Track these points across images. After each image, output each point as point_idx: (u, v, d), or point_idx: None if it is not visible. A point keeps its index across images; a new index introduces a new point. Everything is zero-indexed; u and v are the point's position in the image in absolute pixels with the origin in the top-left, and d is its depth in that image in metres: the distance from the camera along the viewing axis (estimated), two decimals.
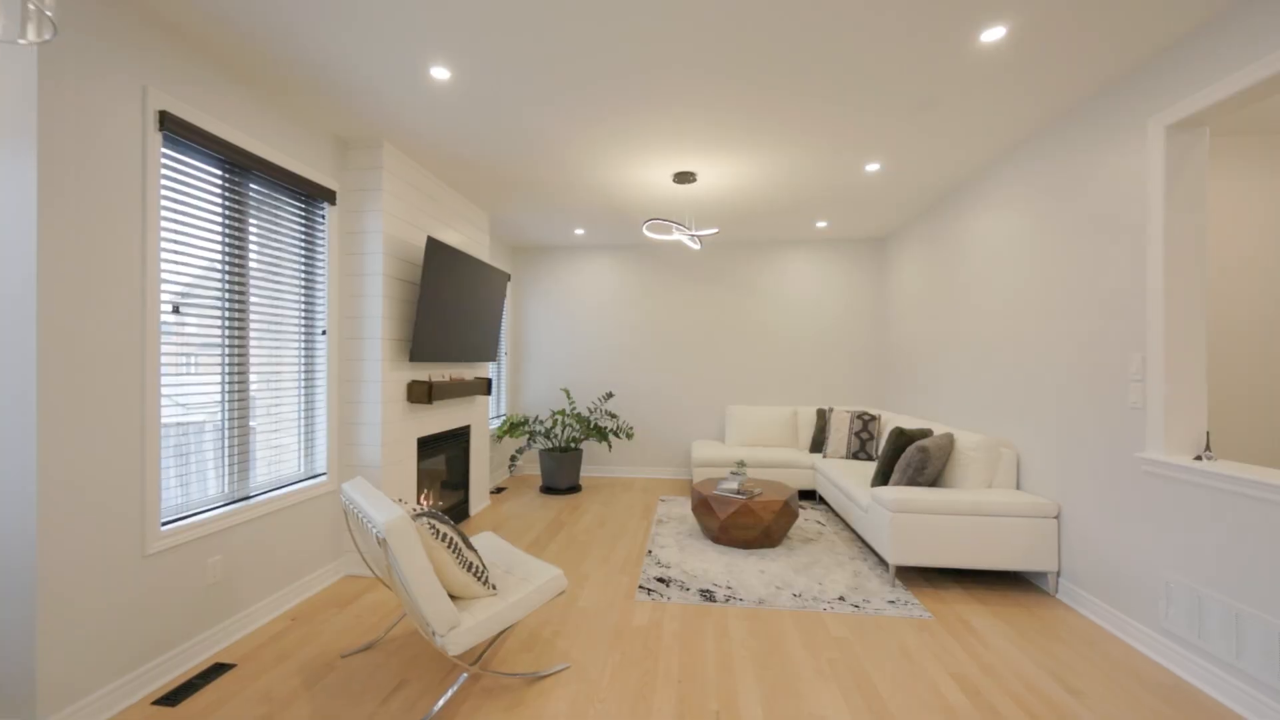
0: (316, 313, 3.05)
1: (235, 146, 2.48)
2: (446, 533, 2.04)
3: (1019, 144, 3.23)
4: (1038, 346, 3.08)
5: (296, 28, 2.16)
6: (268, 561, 2.65)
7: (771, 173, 3.72)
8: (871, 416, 4.77)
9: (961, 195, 3.95)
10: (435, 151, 3.35)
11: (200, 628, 2.28)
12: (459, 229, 4.18)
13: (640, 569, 3.29)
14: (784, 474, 4.87)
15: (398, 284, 3.34)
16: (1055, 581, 2.94)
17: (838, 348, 5.70)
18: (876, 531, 3.23)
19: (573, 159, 3.48)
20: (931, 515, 3.01)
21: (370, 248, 3.17)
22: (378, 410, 3.16)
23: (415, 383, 3.45)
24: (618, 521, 4.27)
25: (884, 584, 3.07)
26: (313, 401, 3.04)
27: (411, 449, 3.51)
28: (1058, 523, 2.93)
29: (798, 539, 3.84)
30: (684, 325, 5.88)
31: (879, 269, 5.64)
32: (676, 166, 3.62)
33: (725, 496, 3.66)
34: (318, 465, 3.06)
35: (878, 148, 3.28)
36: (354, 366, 3.18)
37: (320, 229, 3.05)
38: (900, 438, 3.51)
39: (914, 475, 3.28)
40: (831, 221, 4.98)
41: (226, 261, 2.50)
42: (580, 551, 3.60)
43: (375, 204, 3.16)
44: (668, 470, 5.92)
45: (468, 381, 4.11)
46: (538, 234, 5.51)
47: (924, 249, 4.61)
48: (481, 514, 4.48)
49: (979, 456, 3.25)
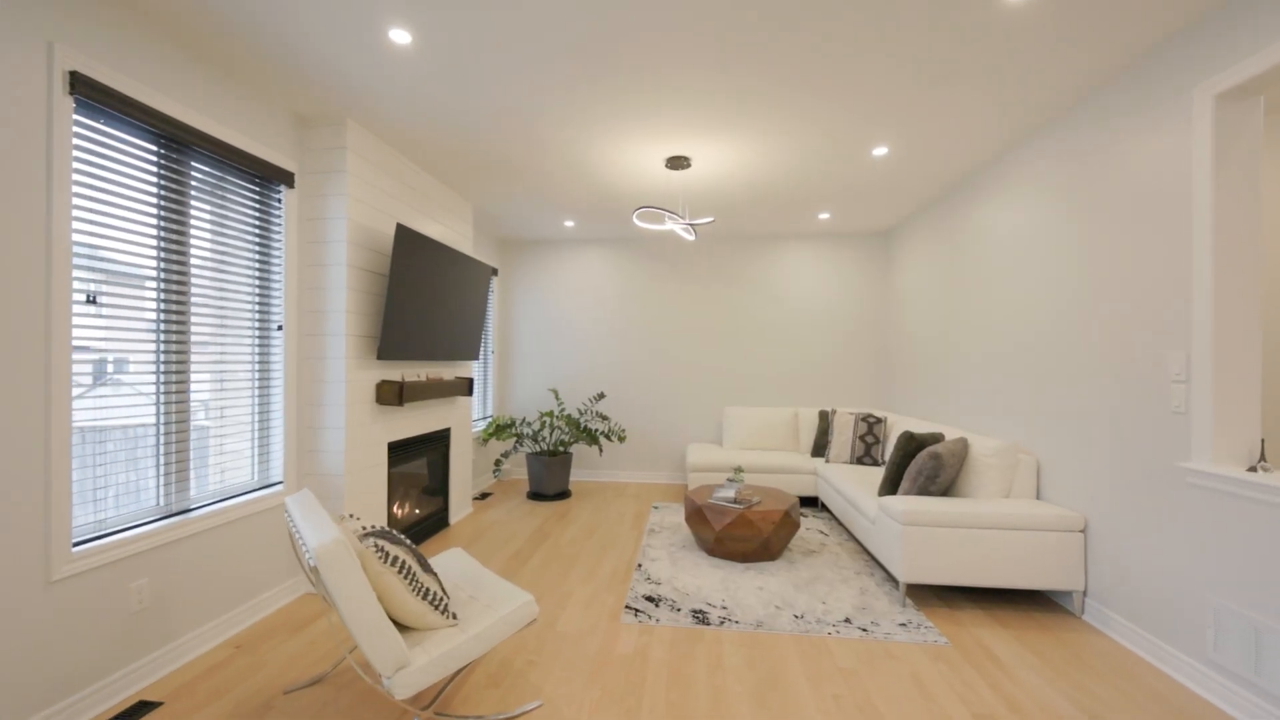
0: (273, 306, 2.79)
1: (173, 119, 2.21)
2: (398, 556, 1.78)
3: (1043, 123, 2.97)
4: (1062, 345, 2.82)
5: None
6: (210, 582, 2.38)
7: (771, 157, 3.46)
8: (877, 419, 4.51)
9: (975, 183, 3.69)
10: (405, 131, 3.09)
11: (122, 662, 2.01)
12: (440, 220, 3.92)
13: (628, 585, 3.03)
14: (784, 479, 4.61)
15: (365, 276, 3.08)
16: (1081, 602, 2.68)
17: (841, 346, 5.44)
18: (885, 545, 2.97)
19: (555, 139, 3.22)
20: (946, 529, 2.75)
21: (333, 236, 2.90)
22: (341, 413, 2.89)
23: (385, 383, 3.19)
24: (607, 531, 4.01)
25: (894, 603, 2.81)
26: (268, 404, 2.77)
27: (381, 454, 3.24)
28: (1084, 537, 2.67)
29: (798, 550, 3.58)
30: (680, 322, 5.62)
31: (884, 263, 5.38)
32: (669, 150, 3.36)
33: (721, 506, 3.40)
34: (273, 473, 2.79)
35: (886, 128, 3.02)
36: (315, 365, 2.92)
37: (276, 214, 2.79)
38: (910, 443, 3.25)
39: (925, 484, 3.02)
40: (834, 213, 4.72)
41: (163, 248, 2.23)
42: (564, 565, 3.34)
43: (339, 188, 2.90)
44: (662, 475, 5.65)
45: (447, 381, 3.85)
46: (526, 226, 5.25)
47: (933, 242, 4.35)
48: (462, 522, 4.22)
49: (996, 463, 2.99)
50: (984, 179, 3.57)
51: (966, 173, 3.71)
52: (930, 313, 4.36)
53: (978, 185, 3.65)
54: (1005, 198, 3.34)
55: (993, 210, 3.47)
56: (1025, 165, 3.14)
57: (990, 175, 3.50)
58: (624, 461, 5.70)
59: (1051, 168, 2.92)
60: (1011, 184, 3.27)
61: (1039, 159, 3.02)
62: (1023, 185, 3.16)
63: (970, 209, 3.75)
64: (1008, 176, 3.30)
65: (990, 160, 3.47)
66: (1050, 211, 2.93)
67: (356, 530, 1.86)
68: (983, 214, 3.59)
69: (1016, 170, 3.22)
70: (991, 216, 3.49)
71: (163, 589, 2.17)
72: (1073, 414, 2.74)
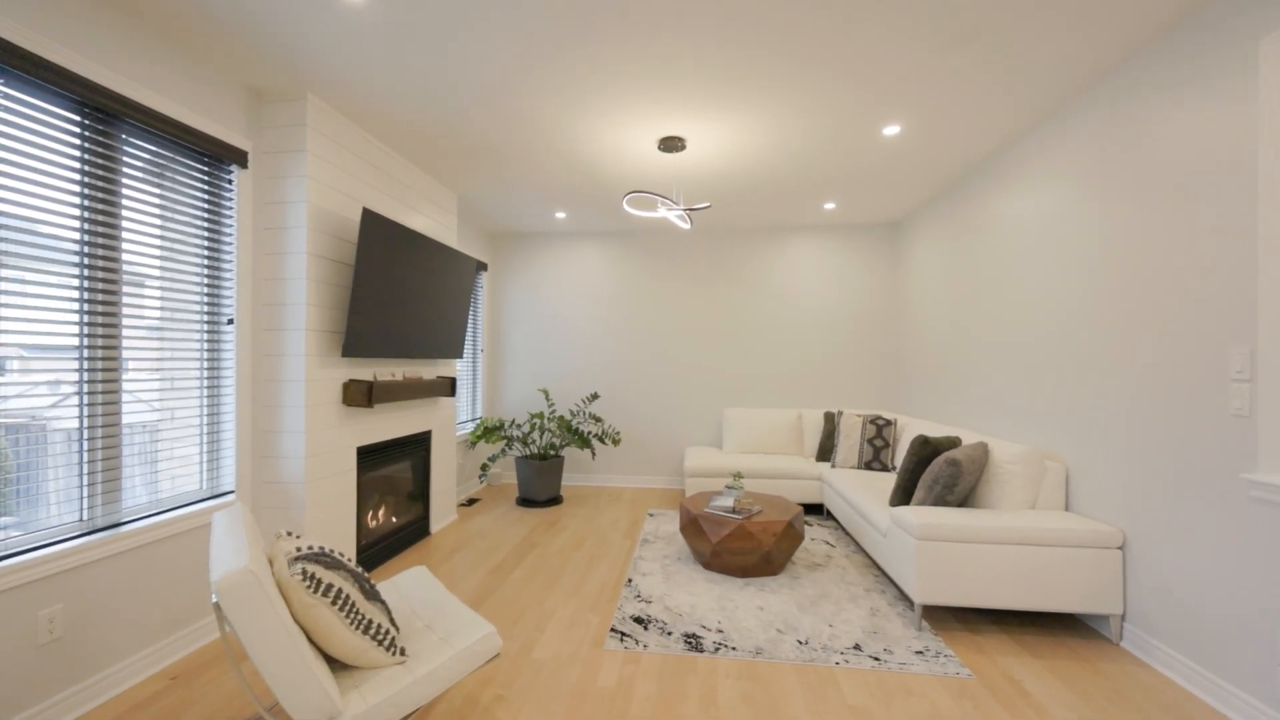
0: (224, 297, 2.54)
1: (98, 87, 1.97)
2: (333, 584, 1.53)
3: (1073, 95, 2.69)
4: (1095, 340, 2.54)
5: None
6: (144, 606, 2.13)
7: (772, 139, 3.19)
8: (886, 421, 4.23)
9: (994, 166, 3.41)
10: (375, 109, 2.84)
11: (26, 703, 1.76)
12: (420, 209, 3.67)
13: (616, 604, 2.77)
14: (787, 485, 4.34)
15: (330, 266, 2.83)
16: (1119, 627, 2.40)
17: (847, 345, 5.16)
18: (898, 561, 2.70)
19: (538, 117, 2.96)
20: (966, 544, 2.48)
21: (293, 221, 2.65)
22: (300, 415, 2.64)
23: (353, 382, 2.94)
24: (598, 541, 3.75)
25: (908, 626, 2.54)
26: (218, 404, 2.53)
27: (349, 460, 2.99)
28: (1122, 555, 2.40)
29: (803, 564, 3.31)
30: (678, 320, 5.36)
31: (893, 257, 5.10)
32: (662, 130, 3.10)
33: (718, 516, 3.13)
34: (224, 481, 2.54)
35: (899, 103, 2.75)
36: (273, 363, 2.67)
37: (227, 197, 2.54)
38: (924, 448, 2.98)
39: (942, 493, 2.75)
40: (841, 203, 4.45)
41: (86, 230, 1.98)
42: (549, 580, 3.08)
43: (298, 168, 2.65)
44: (660, 479, 5.39)
45: (426, 381, 3.59)
46: (515, 219, 4.99)
47: (947, 232, 4.07)
48: (445, 531, 3.97)
49: (1020, 471, 2.72)
50: (1003, 161, 3.29)
51: (985, 155, 3.43)
52: (944, 308, 4.08)
53: (996, 169, 3.37)
54: (1027, 181, 3.06)
55: (1013, 196, 3.19)
56: (1050, 145, 2.86)
57: (1010, 157, 3.22)
58: (619, 465, 5.44)
59: (1079, 148, 2.64)
60: (1034, 166, 2.99)
61: (1064, 140, 2.74)
62: (1047, 167, 2.88)
63: (988, 195, 3.47)
64: (1030, 158, 3.02)
65: (1010, 140, 3.20)
66: (1078, 195, 2.65)
67: (290, 552, 1.61)
68: (1002, 200, 3.31)
69: (1040, 151, 2.94)
70: (1012, 203, 3.21)
71: (82, 616, 1.92)
72: (1108, 416, 2.46)
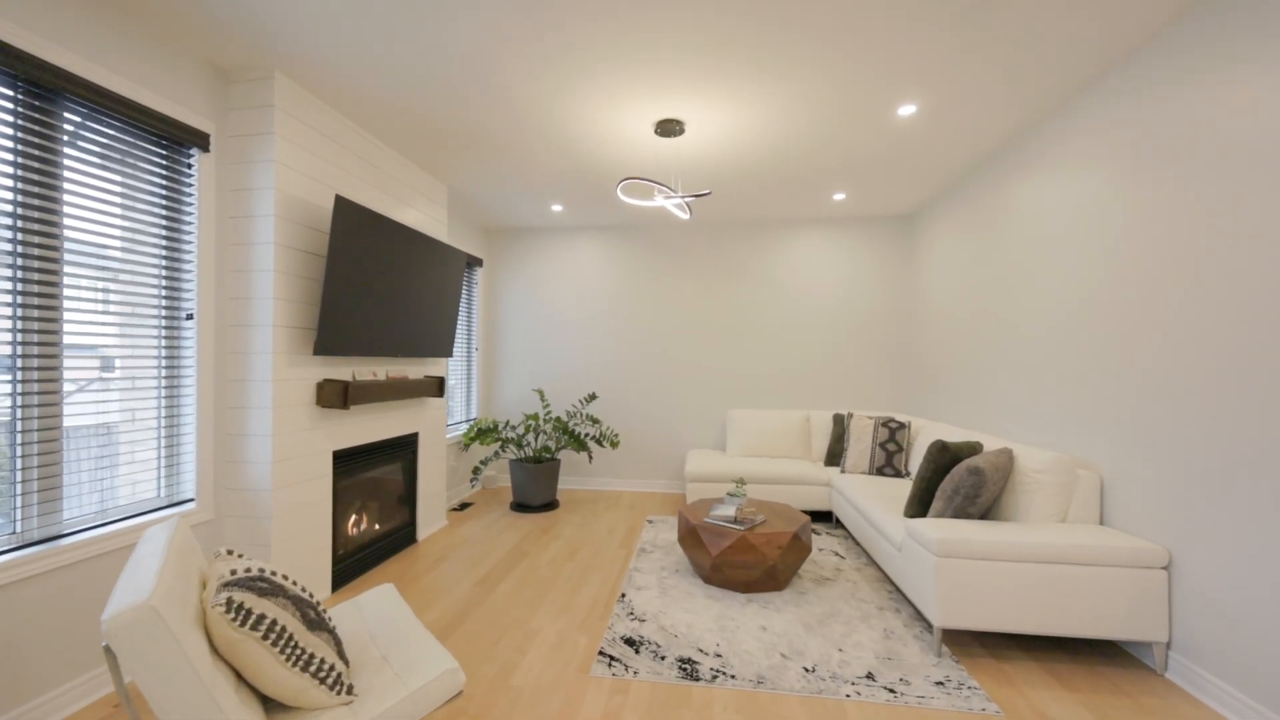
0: (184, 291, 2.36)
1: (32, 58, 1.79)
2: (264, 614, 1.33)
3: (1112, 66, 2.45)
4: (1137, 338, 2.30)
5: None
6: (87, 625, 1.96)
7: (778, 120, 2.97)
8: (899, 424, 3.99)
9: (1019, 150, 3.16)
10: (352, 91, 2.65)
11: None
12: (407, 200, 3.49)
13: (606, 622, 2.56)
14: (794, 492, 4.11)
15: (303, 258, 2.65)
16: (1164, 656, 2.16)
17: (858, 343, 4.92)
18: (914, 578, 2.47)
19: (527, 97, 2.76)
20: (992, 562, 2.24)
21: (259, 209, 2.47)
22: (267, 417, 2.46)
23: (328, 383, 2.75)
24: (592, 550, 3.54)
25: (926, 652, 2.31)
26: (177, 405, 2.35)
27: (324, 465, 2.81)
28: (1168, 576, 2.15)
29: (810, 578, 3.09)
30: (680, 317, 5.14)
31: (906, 250, 4.85)
32: (659, 112, 2.89)
33: (718, 526, 2.91)
34: (184, 489, 2.37)
35: (915, 79, 2.52)
36: (239, 361, 2.49)
37: (187, 183, 2.36)
38: (943, 454, 2.75)
39: (963, 504, 2.52)
40: (851, 193, 4.21)
41: (20, 216, 1.81)
42: (537, 594, 2.88)
43: (265, 153, 2.47)
44: (660, 483, 5.17)
45: (412, 381, 3.41)
46: (511, 212, 4.80)
47: (964, 223, 3.82)
48: (433, 538, 3.78)
49: (1049, 480, 2.48)
50: (1029, 143, 3.04)
51: (1008, 136, 3.18)
52: (961, 304, 3.83)
53: (1021, 151, 3.12)
54: (1056, 163, 2.81)
55: (1040, 180, 2.94)
56: (1085, 122, 2.61)
57: (1038, 137, 2.97)
58: (619, 469, 5.23)
59: (1116, 125, 2.39)
60: (1061, 151, 2.74)
61: (1098, 117, 2.49)
62: (1081, 146, 2.64)
63: (1011, 181, 3.22)
64: (1062, 137, 2.77)
65: (1038, 118, 2.95)
66: (1118, 176, 2.40)
67: (223, 576, 1.42)
68: (1026, 186, 3.06)
69: (1073, 129, 2.69)
70: (1038, 188, 2.96)
71: (10, 638, 1.74)
72: (1152, 420, 2.22)
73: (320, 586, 2.77)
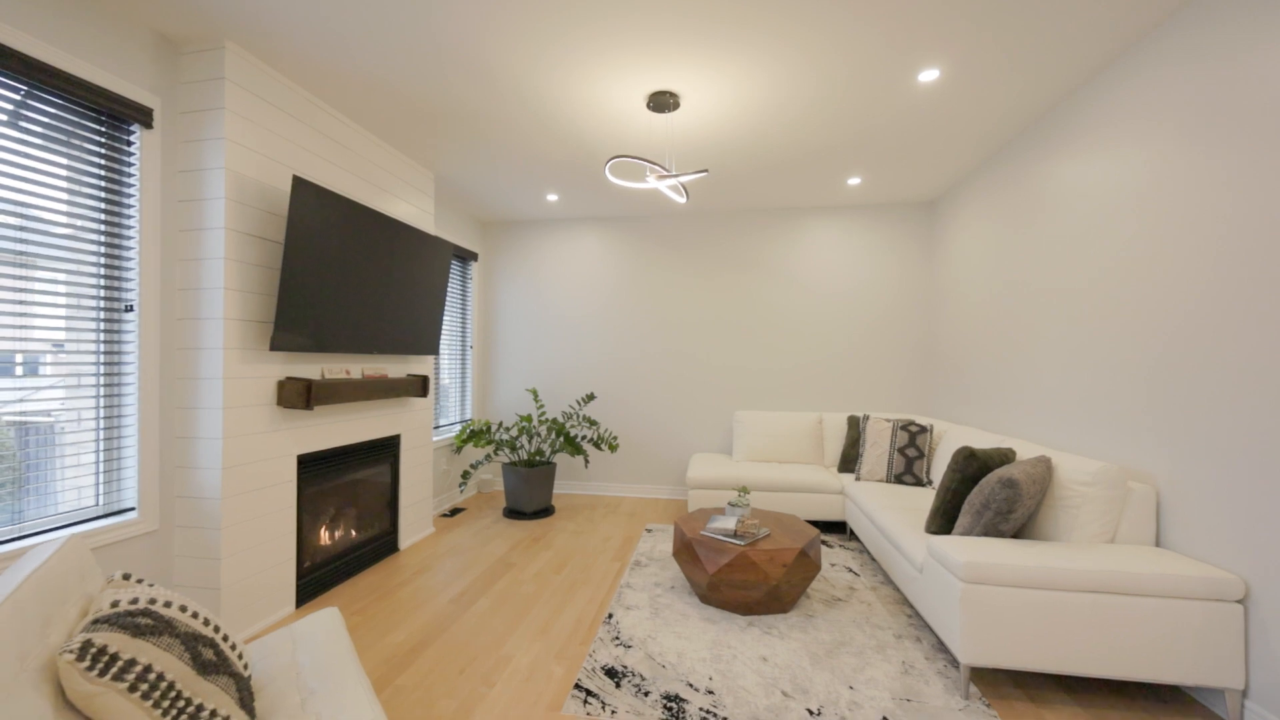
0: (126, 281, 2.17)
1: None
2: (134, 660, 1.10)
3: (1171, 12, 2.11)
4: (1206, 329, 1.96)
5: None
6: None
7: (783, 91, 2.68)
8: (920, 428, 3.66)
9: (1056, 121, 2.82)
10: (310, 61, 2.43)
11: None
12: (392, 190, 3.27)
13: (588, 648, 2.30)
14: (805, 500, 3.80)
15: (262, 246, 2.44)
16: (1239, 705, 1.82)
17: (875, 340, 4.58)
18: (937, 605, 2.16)
19: (503, 65, 2.51)
20: (1029, 590, 1.93)
21: (210, 191, 2.27)
22: (217, 419, 2.25)
23: (290, 381, 2.54)
24: (582, 563, 3.29)
25: (951, 692, 2.00)
26: (119, 406, 2.15)
27: (287, 470, 2.60)
28: (1244, 610, 1.82)
29: (819, 598, 2.79)
30: (684, 313, 4.86)
31: (928, 240, 4.50)
32: (651, 84, 2.62)
33: (716, 541, 2.63)
34: (125, 497, 2.17)
35: (938, 37, 2.21)
36: (188, 358, 2.29)
37: (128, 162, 2.16)
38: (970, 463, 2.43)
39: (995, 521, 2.20)
40: (867, 177, 3.89)
41: None
42: (516, 612, 2.63)
43: (215, 129, 2.26)
44: (663, 488, 4.90)
45: (391, 380, 3.19)
46: (506, 204, 4.57)
47: (993, 208, 3.48)
48: (416, 547, 3.56)
49: (1095, 494, 2.15)
50: (1068, 112, 2.70)
51: (1045, 104, 2.84)
52: (990, 297, 3.49)
53: (1059, 123, 2.78)
54: (1102, 135, 2.47)
55: (1082, 157, 2.60)
56: (1137, 82, 2.27)
57: (1078, 106, 2.63)
58: (619, 473, 4.97)
59: (1180, 82, 2.06)
60: (1112, 113, 2.40)
61: (1161, 70, 2.15)
62: (1132, 111, 2.30)
63: (1048, 159, 2.88)
64: (1108, 103, 2.43)
65: (1081, 80, 2.61)
66: (1181, 144, 2.06)
67: (99, 610, 1.19)
68: (1067, 164, 2.72)
69: (1122, 91, 2.35)
70: (1079, 166, 2.62)
71: None
72: (1227, 424, 1.88)
73: (282, 602, 2.56)
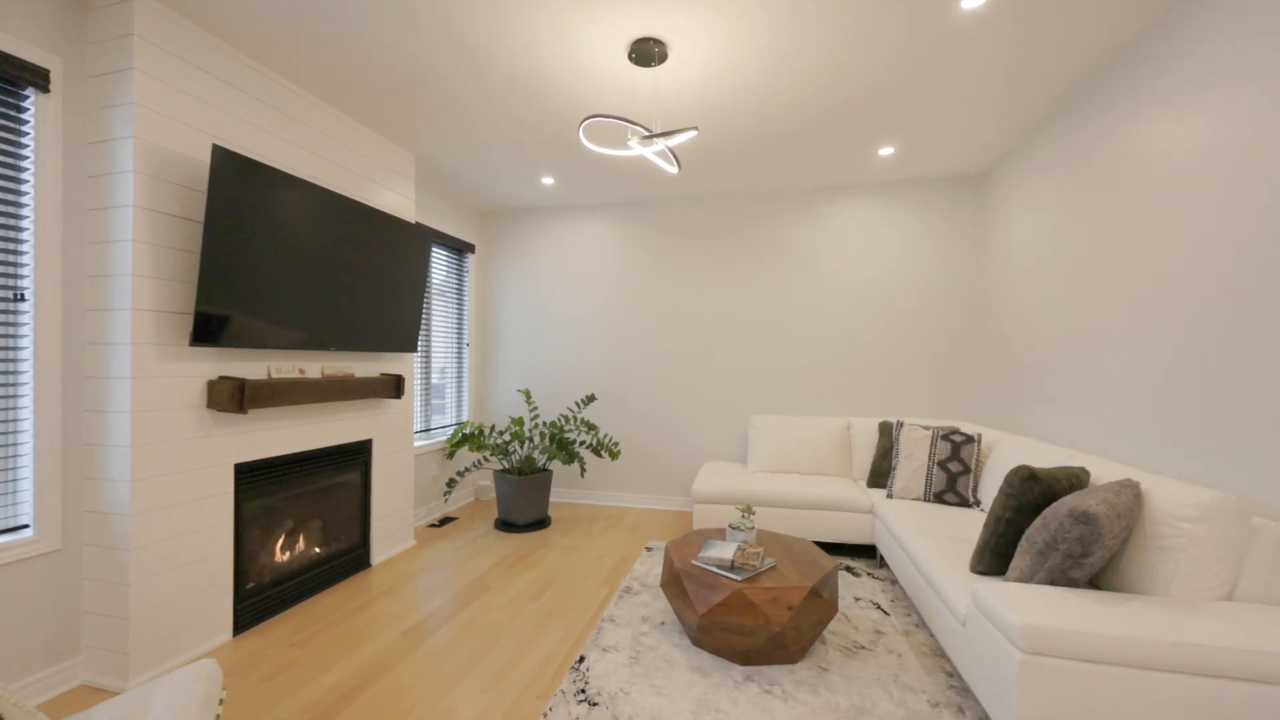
0: (21, 266, 1.91)
1: None
2: None
3: None
4: None
5: None
6: None
7: (793, 31, 2.21)
8: (966, 437, 3.11)
9: (1139, 65, 2.25)
10: (242, 14, 2.13)
11: None
12: (362, 170, 2.97)
13: (545, 705, 1.90)
14: (828, 520, 3.30)
15: (184, 227, 2.15)
16: None
17: (912, 336, 4.02)
18: (985, 671, 1.66)
19: (462, 17, 2.15)
20: (1116, 668, 1.42)
21: (118, 164, 1.99)
22: (126, 423, 1.97)
23: (222, 381, 2.25)
24: (565, 588, 2.90)
25: None
26: (14, 409, 1.89)
27: (222, 481, 2.31)
28: None
29: (837, 643, 2.31)
30: (694, 308, 4.41)
31: (974, 221, 3.91)
32: (633, 28, 2.20)
33: (708, 574, 2.19)
34: (20, 514, 1.91)
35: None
36: (96, 354, 2.02)
37: (21, 131, 1.90)
38: (1030, 486, 1.91)
39: (1066, 565, 1.68)
40: (902, 145, 3.35)
41: None
42: (477, 648, 2.26)
43: (124, 94, 1.98)
44: (672, 499, 4.46)
45: (356, 380, 2.89)
46: (500, 189, 4.24)
47: (1056, 179, 2.89)
48: (390, 563, 3.26)
49: (1205, 534, 1.61)
50: (1150, 57, 2.13)
51: (1128, 37, 2.27)
52: (1051, 284, 2.91)
53: (1148, 62, 2.20)
54: (1200, 83, 1.90)
55: (1170, 112, 2.03)
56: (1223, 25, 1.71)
57: (1175, 37, 2.05)
58: (625, 482, 4.56)
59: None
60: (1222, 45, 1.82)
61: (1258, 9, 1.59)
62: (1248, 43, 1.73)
63: (1126, 114, 2.30)
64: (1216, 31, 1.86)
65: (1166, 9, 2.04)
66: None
67: None
68: (1152, 121, 2.14)
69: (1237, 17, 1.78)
70: (1168, 123, 2.04)
71: None
72: None
73: (214, 631, 2.27)
